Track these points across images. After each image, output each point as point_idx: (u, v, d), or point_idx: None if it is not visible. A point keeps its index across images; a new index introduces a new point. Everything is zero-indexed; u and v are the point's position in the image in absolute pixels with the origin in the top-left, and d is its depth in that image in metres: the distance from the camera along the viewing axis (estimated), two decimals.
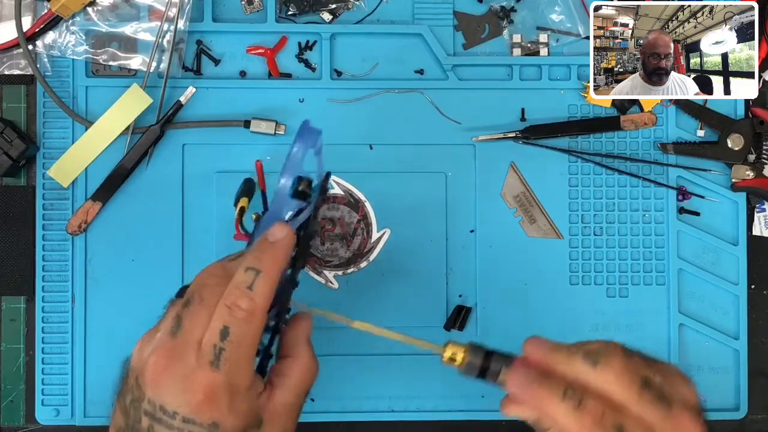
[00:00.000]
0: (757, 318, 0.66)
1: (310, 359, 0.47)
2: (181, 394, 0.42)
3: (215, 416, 0.42)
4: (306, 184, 0.49)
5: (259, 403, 0.44)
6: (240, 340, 0.43)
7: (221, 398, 0.42)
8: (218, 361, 0.42)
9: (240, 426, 0.43)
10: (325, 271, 0.64)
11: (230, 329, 0.43)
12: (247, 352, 0.43)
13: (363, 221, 0.64)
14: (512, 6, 0.66)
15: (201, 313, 0.43)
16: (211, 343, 0.43)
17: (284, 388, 0.46)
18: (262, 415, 0.44)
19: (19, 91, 0.65)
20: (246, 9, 0.65)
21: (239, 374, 0.43)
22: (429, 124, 0.65)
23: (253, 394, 0.44)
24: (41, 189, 0.63)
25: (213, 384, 0.42)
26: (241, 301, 0.43)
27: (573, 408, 0.43)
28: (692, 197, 0.65)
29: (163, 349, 0.43)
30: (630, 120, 0.65)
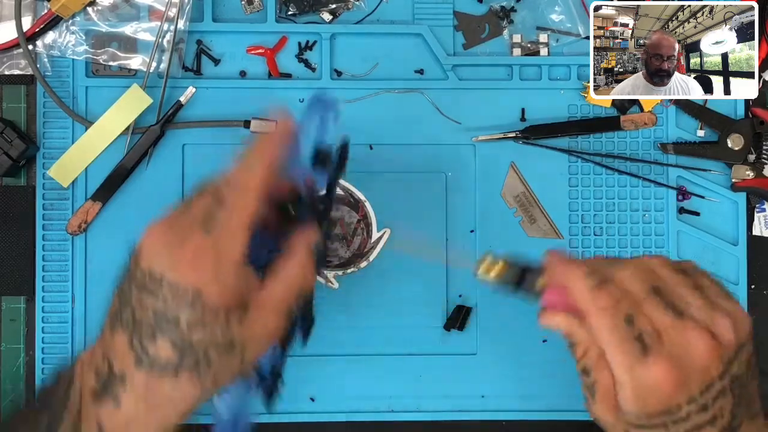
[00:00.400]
0: (757, 318, 0.66)
1: (307, 260, 0.47)
2: (168, 256, 0.43)
3: (199, 281, 0.42)
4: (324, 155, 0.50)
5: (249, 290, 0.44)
6: (233, 209, 0.44)
7: (206, 263, 0.43)
8: (208, 225, 0.43)
9: (223, 300, 0.43)
10: (325, 271, 0.64)
11: (225, 198, 0.44)
12: (238, 222, 0.44)
13: (363, 221, 0.64)
14: (512, 6, 0.66)
15: (204, 194, 0.45)
16: (205, 209, 0.44)
17: (276, 280, 0.45)
18: (248, 301, 0.44)
19: (19, 91, 0.65)
20: (246, 9, 0.65)
21: (228, 242, 0.43)
22: (429, 124, 0.65)
23: (242, 275, 0.44)
24: (41, 189, 0.63)
25: (200, 246, 0.43)
26: (237, 174, 0.45)
27: (593, 286, 0.45)
28: (692, 197, 0.65)
29: (162, 224, 0.45)
30: (630, 120, 0.65)
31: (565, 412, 0.64)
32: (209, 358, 0.43)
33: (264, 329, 0.45)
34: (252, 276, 0.45)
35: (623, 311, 0.44)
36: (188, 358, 0.43)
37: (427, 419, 0.64)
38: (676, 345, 0.44)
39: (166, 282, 0.43)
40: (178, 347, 0.43)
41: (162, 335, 0.43)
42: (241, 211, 0.44)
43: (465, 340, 0.64)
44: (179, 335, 0.43)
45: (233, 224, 0.44)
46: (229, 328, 0.43)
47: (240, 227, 0.44)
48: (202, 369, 0.44)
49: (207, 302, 0.42)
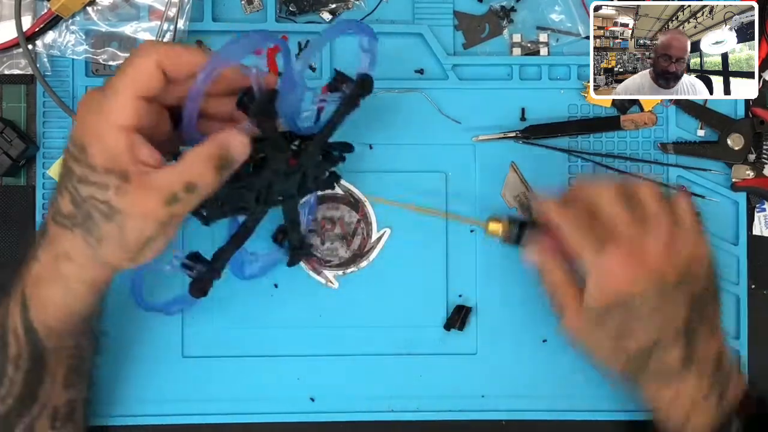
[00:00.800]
0: (757, 318, 0.66)
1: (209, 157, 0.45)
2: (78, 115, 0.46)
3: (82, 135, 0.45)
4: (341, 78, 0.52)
5: (137, 166, 0.44)
6: (128, 70, 0.45)
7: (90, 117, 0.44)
8: (105, 86, 0.45)
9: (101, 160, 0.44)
10: (325, 271, 0.64)
11: (126, 60, 0.45)
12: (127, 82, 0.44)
13: (363, 221, 0.64)
14: (512, 6, 0.66)
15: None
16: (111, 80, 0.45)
17: (167, 167, 0.45)
18: (129, 175, 0.44)
19: (19, 91, 0.65)
20: (246, 9, 0.65)
21: (114, 99, 0.44)
22: (429, 124, 0.65)
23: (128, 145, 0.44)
24: (41, 189, 0.63)
25: (89, 102, 0.45)
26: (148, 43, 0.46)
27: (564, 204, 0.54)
28: (692, 197, 0.65)
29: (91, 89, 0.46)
30: (630, 120, 0.65)
31: (565, 412, 0.64)
32: (93, 218, 0.45)
33: (138, 208, 0.45)
34: (147, 156, 0.45)
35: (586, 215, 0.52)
36: (80, 214, 0.45)
37: (427, 419, 0.64)
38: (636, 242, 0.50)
39: (71, 139, 0.46)
40: (74, 201, 0.45)
41: (65, 189, 0.46)
42: (131, 73, 0.45)
43: (465, 340, 0.64)
44: (74, 189, 0.45)
45: (120, 84, 0.44)
46: (107, 191, 0.44)
47: (126, 89, 0.44)
48: (89, 229, 0.45)
49: (89, 159, 0.44)
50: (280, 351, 0.64)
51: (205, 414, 0.63)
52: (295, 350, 0.64)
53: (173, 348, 0.63)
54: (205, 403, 0.63)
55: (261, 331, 0.64)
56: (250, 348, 0.64)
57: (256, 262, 0.61)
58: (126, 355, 0.63)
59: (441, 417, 0.64)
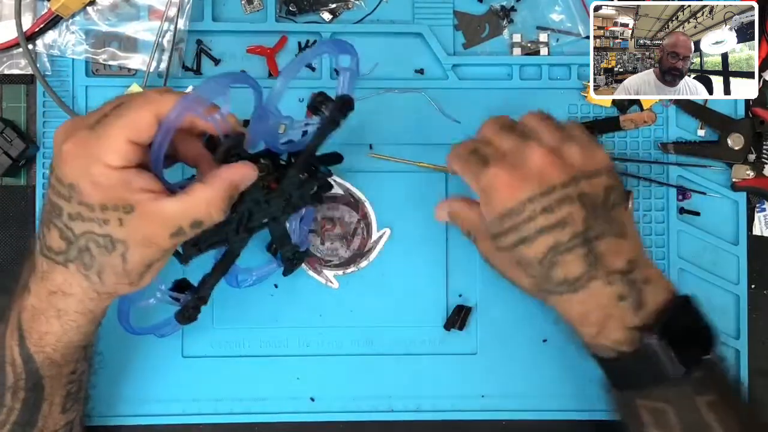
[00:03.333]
0: (757, 318, 0.66)
1: (217, 194, 0.47)
2: (57, 152, 0.46)
3: (72, 175, 0.44)
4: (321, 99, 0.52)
5: (138, 195, 0.45)
6: (124, 115, 0.45)
7: (80, 158, 0.44)
8: (95, 125, 0.45)
9: (97, 199, 0.44)
10: (325, 270, 0.64)
11: (123, 105, 0.45)
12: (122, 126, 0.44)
13: (363, 221, 0.64)
14: (512, 5, 0.66)
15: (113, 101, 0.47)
16: (102, 111, 0.46)
17: (175, 200, 0.46)
18: (134, 205, 0.44)
19: (19, 91, 0.65)
20: (246, 8, 0.65)
21: (106, 142, 0.44)
22: (429, 124, 0.64)
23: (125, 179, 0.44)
24: (41, 189, 0.63)
25: (78, 142, 0.45)
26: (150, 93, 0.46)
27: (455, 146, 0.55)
28: (692, 197, 0.65)
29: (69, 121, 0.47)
30: (629, 119, 0.65)
31: (565, 411, 0.64)
32: (91, 251, 0.45)
33: (146, 238, 0.45)
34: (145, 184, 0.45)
35: (470, 148, 0.53)
36: (73, 249, 0.46)
37: (427, 419, 0.64)
38: (515, 156, 0.51)
39: (54, 175, 0.46)
40: (65, 237, 0.46)
41: (53, 224, 0.46)
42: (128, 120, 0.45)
43: (465, 340, 0.64)
44: (64, 226, 0.45)
45: (115, 130, 0.44)
46: (107, 226, 0.45)
47: (121, 134, 0.44)
48: (87, 262, 0.46)
49: (81, 197, 0.44)
50: (280, 351, 0.64)
51: (205, 414, 0.63)
52: (295, 350, 0.64)
53: (173, 348, 0.63)
54: (205, 403, 0.63)
55: (261, 331, 0.64)
56: (250, 348, 0.64)
57: (251, 275, 0.62)
58: (126, 355, 0.63)
59: (441, 417, 0.64)
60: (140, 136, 0.45)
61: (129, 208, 0.44)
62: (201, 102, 0.46)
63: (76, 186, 0.44)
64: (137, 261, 0.46)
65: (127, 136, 0.44)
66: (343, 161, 0.60)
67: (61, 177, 0.45)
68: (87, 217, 0.45)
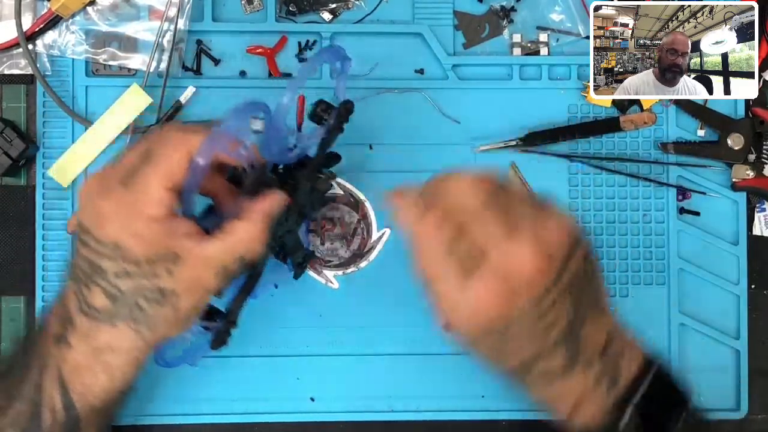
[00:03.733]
0: (757, 318, 0.66)
1: (257, 229, 0.47)
2: (92, 210, 0.45)
3: (114, 235, 0.44)
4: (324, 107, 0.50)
5: (181, 242, 0.44)
6: (156, 163, 0.44)
7: (120, 216, 0.44)
8: (128, 179, 0.44)
9: (142, 253, 0.44)
10: (325, 271, 0.64)
11: (152, 151, 0.44)
12: (158, 176, 0.44)
13: (363, 221, 0.64)
14: (512, 6, 0.66)
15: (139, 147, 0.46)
16: (130, 162, 0.45)
17: (217, 240, 0.46)
18: (179, 253, 0.44)
19: (19, 91, 0.65)
20: (246, 9, 0.65)
21: (145, 195, 0.44)
22: (429, 124, 0.64)
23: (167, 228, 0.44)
24: (41, 189, 0.63)
25: (116, 200, 0.44)
26: (175, 133, 0.45)
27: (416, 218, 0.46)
28: (692, 197, 0.65)
29: (96, 175, 0.46)
30: (629, 120, 0.65)
31: None
32: (141, 307, 0.45)
33: (195, 283, 0.45)
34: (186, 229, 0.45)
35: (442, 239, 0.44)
36: (121, 307, 0.45)
37: (427, 419, 0.64)
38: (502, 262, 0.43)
39: (92, 235, 0.45)
40: (110, 296, 0.45)
41: (95, 284, 0.45)
42: (163, 167, 0.44)
43: None
44: (108, 284, 0.44)
45: (152, 180, 0.44)
46: (156, 278, 0.44)
47: (159, 183, 0.44)
48: (137, 318, 0.45)
49: (126, 254, 0.44)
50: (280, 351, 0.64)
51: (205, 414, 0.63)
52: (295, 350, 0.64)
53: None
54: (205, 403, 0.63)
55: (261, 331, 0.64)
56: (250, 348, 0.64)
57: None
58: None
59: (441, 417, 0.64)
60: (175, 181, 0.44)
61: (175, 257, 0.44)
62: (228, 138, 0.45)
63: (121, 245, 0.44)
64: (188, 307, 0.46)
65: (163, 184, 0.44)
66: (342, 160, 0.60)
67: (101, 237, 0.44)
68: (134, 273, 0.44)
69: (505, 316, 0.44)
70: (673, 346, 0.65)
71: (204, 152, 0.44)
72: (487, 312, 0.44)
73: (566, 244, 0.45)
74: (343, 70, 0.53)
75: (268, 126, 0.48)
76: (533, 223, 0.44)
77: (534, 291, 0.44)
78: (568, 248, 0.45)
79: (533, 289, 0.44)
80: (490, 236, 0.44)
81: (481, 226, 0.44)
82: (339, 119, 0.53)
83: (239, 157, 0.47)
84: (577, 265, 0.45)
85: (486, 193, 0.45)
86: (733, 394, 0.65)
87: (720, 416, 0.65)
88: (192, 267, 0.45)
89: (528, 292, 0.43)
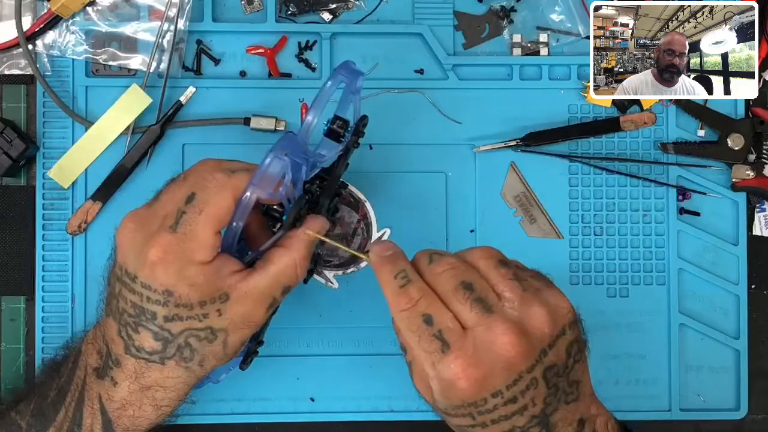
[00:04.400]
0: (757, 318, 0.66)
1: (301, 257, 0.47)
2: (138, 256, 0.44)
3: (166, 282, 0.43)
4: (341, 124, 0.50)
5: (228, 280, 0.45)
6: (202, 207, 0.44)
7: (172, 263, 0.43)
8: (176, 225, 0.44)
9: (195, 297, 0.44)
10: (325, 271, 0.64)
11: (196, 196, 0.44)
12: (206, 221, 0.44)
13: (363, 221, 0.64)
14: (512, 6, 0.66)
15: (179, 187, 0.45)
16: (175, 207, 0.44)
17: (262, 272, 0.46)
18: (228, 292, 0.45)
19: (19, 91, 0.65)
20: (246, 9, 0.65)
21: (195, 241, 0.44)
22: (429, 124, 0.65)
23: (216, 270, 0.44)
24: (41, 189, 0.63)
25: (166, 247, 0.43)
26: (217, 174, 0.45)
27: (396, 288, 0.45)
28: (692, 197, 0.65)
29: (136, 216, 0.45)
30: (630, 120, 0.65)
31: None
32: (191, 346, 0.45)
33: (245, 319, 0.46)
34: (232, 267, 0.45)
35: (421, 311, 0.44)
36: (171, 348, 0.45)
37: (427, 419, 0.64)
38: (480, 341, 0.43)
39: (139, 281, 0.44)
40: (160, 338, 0.45)
41: (143, 327, 0.45)
42: (211, 212, 0.44)
43: None
44: (158, 328, 0.44)
45: (200, 226, 0.44)
46: (208, 319, 0.44)
47: (206, 228, 0.44)
48: (187, 356, 0.45)
49: (178, 300, 0.44)
50: (280, 351, 0.64)
51: (205, 414, 0.63)
52: (295, 350, 0.64)
53: None
54: (206, 403, 0.63)
55: None
56: None
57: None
58: None
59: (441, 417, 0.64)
60: (223, 224, 0.45)
61: (225, 297, 0.45)
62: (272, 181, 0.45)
63: (173, 291, 0.44)
64: (237, 342, 0.46)
65: (212, 229, 0.44)
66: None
67: (151, 284, 0.44)
68: (185, 316, 0.44)
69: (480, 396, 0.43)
70: (673, 346, 0.65)
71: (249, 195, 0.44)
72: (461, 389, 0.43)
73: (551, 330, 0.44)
74: (358, 86, 0.53)
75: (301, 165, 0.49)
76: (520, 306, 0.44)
77: (510, 375, 0.43)
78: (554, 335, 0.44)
79: (509, 374, 0.43)
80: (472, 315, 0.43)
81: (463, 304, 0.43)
82: (357, 134, 0.53)
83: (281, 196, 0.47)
84: (558, 353, 0.44)
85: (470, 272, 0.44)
86: (733, 394, 0.65)
87: (720, 416, 0.65)
88: (242, 304, 0.45)
89: (504, 375, 0.43)
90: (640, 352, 0.65)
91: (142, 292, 0.44)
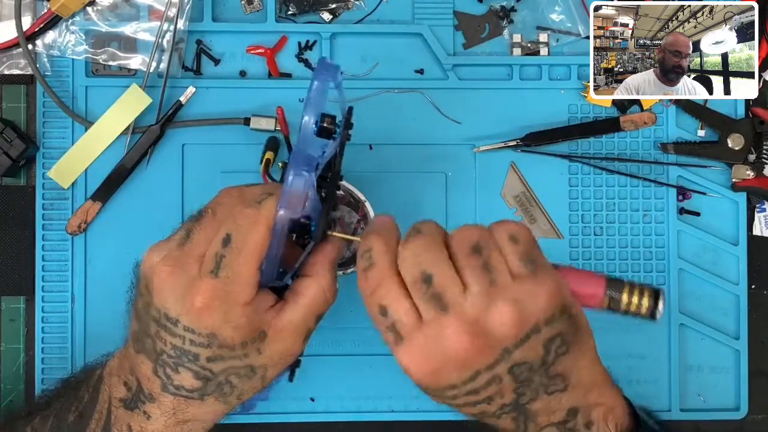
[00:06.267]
0: (757, 318, 0.66)
1: (328, 282, 0.47)
2: (181, 302, 0.44)
3: (212, 326, 0.44)
4: (330, 120, 0.50)
5: (265, 318, 0.45)
6: (240, 247, 0.44)
7: (218, 308, 0.43)
8: (218, 269, 0.44)
9: (238, 339, 0.44)
10: None
11: (232, 236, 0.44)
12: (247, 261, 0.44)
13: (363, 221, 0.64)
14: (512, 6, 0.66)
15: (210, 226, 0.45)
16: (213, 251, 0.44)
17: (295, 305, 0.46)
18: (266, 330, 0.45)
19: (19, 91, 0.65)
20: (246, 9, 0.65)
21: (238, 283, 0.44)
22: (429, 124, 0.64)
23: (255, 309, 0.44)
24: (41, 189, 0.63)
25: (211, 291, 0.43)
26: (247, 210, 0.44)
27: (360, 269, 0.44)
28: (692, 197, 0.65)
29: (170, 258, 0.45)
30: (630, 120, 0.65)
31: None
32: (232, 383, 0.45)
33: (283, 355, 0.46)
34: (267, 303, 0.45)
35: (376, 301, 0.43)
36: (211, 386, 0.45)
37: (427, 419, 0.64)
38: (432, 338, 0.42)
39: (181, 325, 0.44)
40: (201, 377, 0.45)
41: (184, 368, 0.45)
42: (250, 251, 0.44)
43: None
44: (200, 368, 0.45)
45: (243, 268, 0.44)
46: (248, 358, 0.45)
47: (248, 268, 0.44)
48: (226, 392, 0.46)
49: (222, 342, 0.44)
50: None
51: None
52: None
53: None
54: None
55: None
56: None
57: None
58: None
59: (441, 417, 0.64)
60: (263, 256, 0.44)
61: (263, 335, 0.45)
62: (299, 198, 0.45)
63: (217, 335, 0.44)
64: (275, 375, 0.47)
65: (255, 265, 0.44)
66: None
67: (196, 328, 0.44)
68: (227, 357, 0.44)
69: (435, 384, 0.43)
70: (673, 346, 0.65)
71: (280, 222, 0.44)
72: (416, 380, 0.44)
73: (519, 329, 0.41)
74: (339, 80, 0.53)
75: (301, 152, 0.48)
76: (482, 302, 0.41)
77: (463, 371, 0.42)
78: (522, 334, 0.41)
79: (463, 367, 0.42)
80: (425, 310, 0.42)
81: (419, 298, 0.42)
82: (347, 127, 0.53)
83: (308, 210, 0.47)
84: (530, 350, 0.42)
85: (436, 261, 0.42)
86: (733, 394, 0.65)
87: (720, 416, 0.65)
88: (279, 341, 0.46)
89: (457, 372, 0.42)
90: (640, 352, 0.65)
91: (185, 335, 0.44)
